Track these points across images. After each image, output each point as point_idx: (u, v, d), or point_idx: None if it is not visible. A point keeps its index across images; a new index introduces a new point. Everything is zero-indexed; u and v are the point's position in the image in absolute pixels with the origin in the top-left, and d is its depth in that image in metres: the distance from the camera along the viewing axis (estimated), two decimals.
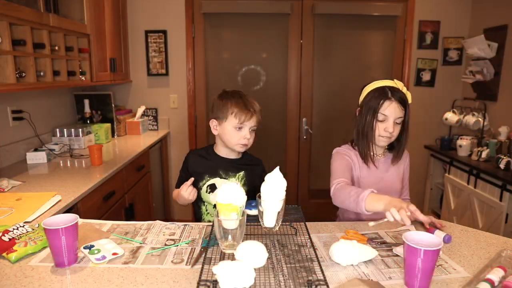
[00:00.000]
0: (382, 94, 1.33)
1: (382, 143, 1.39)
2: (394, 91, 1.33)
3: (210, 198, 1.43)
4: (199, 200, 1.45)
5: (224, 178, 1.43)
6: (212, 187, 1.42)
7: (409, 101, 1.37)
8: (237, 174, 1.45)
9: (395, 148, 1.45)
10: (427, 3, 3.20)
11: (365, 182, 1.43)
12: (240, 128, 1.37)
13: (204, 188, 1.43)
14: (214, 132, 1.45)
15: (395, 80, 1.37)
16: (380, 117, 1.33)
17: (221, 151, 1.48)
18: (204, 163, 1.46)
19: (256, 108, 1.39)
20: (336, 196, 1.27)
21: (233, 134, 1.38)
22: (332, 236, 1.17)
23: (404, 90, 1.36)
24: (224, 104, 1.38)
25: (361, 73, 3.31)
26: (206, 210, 1.47)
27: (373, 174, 1.43)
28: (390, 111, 1.32)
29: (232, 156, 1.48)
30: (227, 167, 1.45)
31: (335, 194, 1.28)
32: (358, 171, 1.43)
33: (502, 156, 2.47)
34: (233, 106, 1.36)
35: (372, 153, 1.41)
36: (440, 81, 3.35)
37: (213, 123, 1.43)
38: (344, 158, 1.42)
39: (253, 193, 1.18)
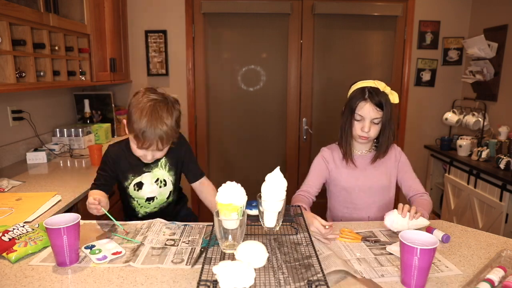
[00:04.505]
0: (360, 94, 1.36)
1: (361, 141, 1.42)
2: (373, 92, 1.34)
3: (140, 194, 1.40)
4: (128, 197, 1.43)
5: (148, 172, 1.40)
6: (139, 185, 1.39)
7: (395, 101, 1.38)
8: (159, 163, 1.40)
9: (377, 147, 1.46)
10: (427, 3, 3.20)
11: (346, 179, 1.46)
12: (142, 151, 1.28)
13: (131, 187, 1.40)
14: (126, 130, 1.32)
15: (375, 81, 1.39)
16: (357, 117, 1.37)
17: None
18: (125, 162, 1.38)
19: (159, 133, 1.21)
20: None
21: (136, 150, 1.29)
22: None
23: (387, 90, 1.37)
24: (131, 114, 1.22)
25: (361, 73, 3.30)
26: (139, 204, 1.44)
27: (353, 171, 1.45)
28: (365, 112, 1.35)
29: None
30: (147, 163, 1.39)
31: (292, 202, 1.41)
32: (336, 170, 1.47)
33: (502, 156, 2.47)
34: (135, 125, 1.21)
35: (351, 151, 1.45)
36: (440, 81, 3.35)
37: (125, 123, 1.32)
38: (321, 165, 1.49)
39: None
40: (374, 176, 1.45)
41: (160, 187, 1.43)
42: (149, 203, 1.43)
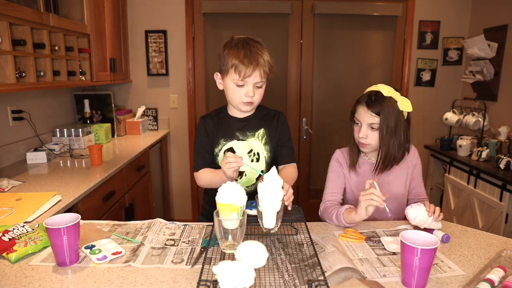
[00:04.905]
0: (361, 98, 1.33)
1: (360, 147, 1.37)
2: (372, 96, 1.28)
3: None
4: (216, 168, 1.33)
5: (242, 140, 1.33)
6: (230, 151, 1.31)
7: (405, 108, 1.28)
8: (256, 133, 1.33)
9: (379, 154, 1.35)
10: (427, 3, 3.20)
11: (357, 187, 1.41)
12: (241, 85, 1.22)
13: (221, 154, 1.32)
14: (219, 87, 1.31)
15: (379, 84, 1.32)
16: (355, 120, 1.35)
17: (233, 110, 1.34)
18: (217, 126, 1.33)
19: (262, 60, 1.20)
20: (323, 218, 1.36)
21: (235, 91, 1.23)
22: (331, 233, 1.17)
23: (393, 94, 1.28)
24: (225, 55, 1.23)
25: (361, 73, 3.31)
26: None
27: (362, 178, 1.38)
28: (359, 116, 1.32)
29: (246, 113, 1.34)
30: (243, 127, 1.33)
31: (321, 216, 1.37)
32: (349, 177, 1.43)
33: (502, 156, 2.47)
34: (233, 58, 1.20)
35: (354, 156, 1.40)
36: (440, 81, 3.35)
37: (217, 77, 1.30)
38: (337, 168, 1.43)
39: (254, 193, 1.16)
40: (386, 182, 1.37)
41: (252, 160, 1.33)
42: (236, 180, 1.28)
